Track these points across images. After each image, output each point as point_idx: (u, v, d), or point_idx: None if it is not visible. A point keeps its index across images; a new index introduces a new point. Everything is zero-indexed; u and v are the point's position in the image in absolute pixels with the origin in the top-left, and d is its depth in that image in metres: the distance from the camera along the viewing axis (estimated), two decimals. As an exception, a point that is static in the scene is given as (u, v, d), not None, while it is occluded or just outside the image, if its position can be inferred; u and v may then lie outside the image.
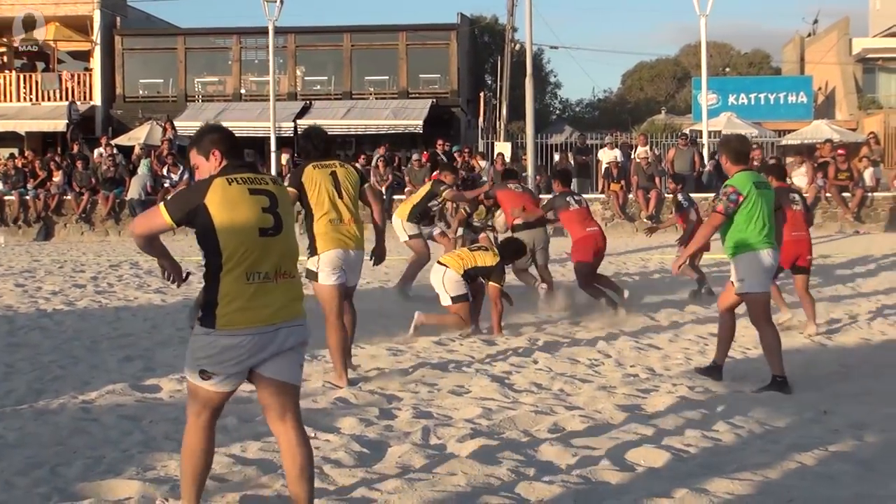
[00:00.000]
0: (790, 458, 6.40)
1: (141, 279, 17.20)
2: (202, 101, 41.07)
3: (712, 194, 27.26)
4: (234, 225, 5.01)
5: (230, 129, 5.63)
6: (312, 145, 9.05)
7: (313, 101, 40.16)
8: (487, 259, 11.48)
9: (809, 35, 52.38)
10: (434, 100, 39.61)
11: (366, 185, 9.13)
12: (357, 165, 8.78)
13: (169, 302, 14.36)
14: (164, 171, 28.78)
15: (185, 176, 28.60)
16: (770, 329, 8.78)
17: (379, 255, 9.40)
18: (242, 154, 5.50)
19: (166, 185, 28.11)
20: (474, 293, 11.52)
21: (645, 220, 26.80)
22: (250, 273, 5.04)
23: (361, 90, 41.18)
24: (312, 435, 7.04)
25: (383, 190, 27.92)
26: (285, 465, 5.14)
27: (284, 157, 30.78)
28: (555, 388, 8.74)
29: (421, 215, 14.86)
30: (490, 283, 11.45)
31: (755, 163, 23.60)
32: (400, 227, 14.76)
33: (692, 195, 17.93)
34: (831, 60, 45.56)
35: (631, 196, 27.37)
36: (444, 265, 11.48)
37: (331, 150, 9.26)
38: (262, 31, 36.00)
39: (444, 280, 11.35)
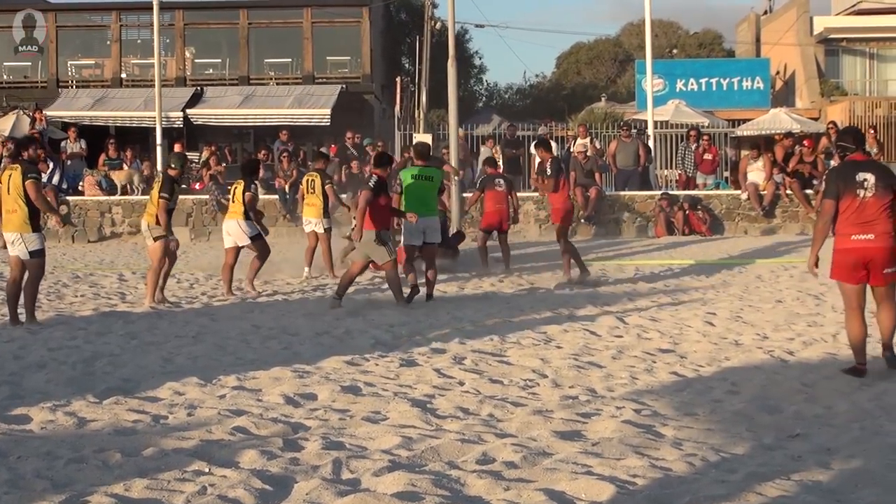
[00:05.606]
0: (749, 490, 6.46)
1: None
2: (76, 87, 40.69)
3: (659, 192, 27.65)
4: None
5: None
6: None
7: (205, 87, 39.98)
8: None
9: (765, 13, 53.09)
10: (344, 85, 39.59)
11: (27, 182, 13.50)
12: (26, 167, 13.79)
13: (40, 318, 14.16)
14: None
15: (56, 175, 28.22)
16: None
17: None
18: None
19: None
20: None
21: (583, 220, 26.98)
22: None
23: (260, 74, 41.08)
24: (206, 470, 6.98)
25: (287, 188, 27.81)
26: None
27: (205, 154, 30.57)
28: (483, 412, 8.74)
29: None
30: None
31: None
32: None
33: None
34: (790, 41, 46.21)
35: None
36: None
37: (17, 155, 14.22)
38: (146, 7, 35.87)
39: None
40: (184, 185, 22.29)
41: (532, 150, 30.19)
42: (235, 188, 17.22)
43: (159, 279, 15.80)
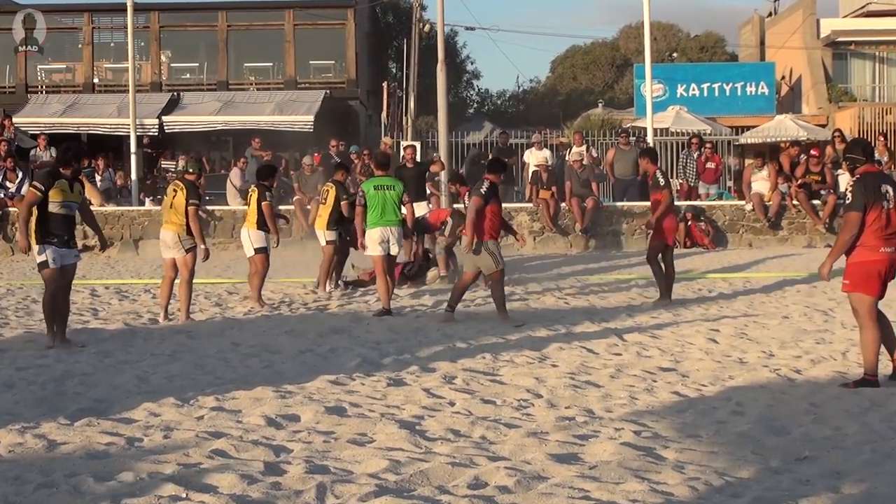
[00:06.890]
0: (755, 515, 6.46)
1: (-28, 309, 16.93)
2: (46, 92, 40.60)
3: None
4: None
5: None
6: None
7: (182, 93, 39.93)
8: None
9: (770, 15, 53.15)
10: (328, 91, 39.53)
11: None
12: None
13: (6, 336, 14.11)
14: (0, 177, 27.99)
15: (25, 185, 28.07)
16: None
17: None
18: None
19: (1, 195, 27.54)
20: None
21: (580, 232, 26.95)
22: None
23: (240, 79, 41.03)
24: (184, 495, 6.95)
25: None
26: None
27: (182, 163, 30.43)
28: (475, 434, 8.73)
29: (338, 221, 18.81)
30: None
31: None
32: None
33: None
34: (796, 44, 46.25)
35: (564, 205, 27.42)
36: None
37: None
38: (119, 8, 35.69)
39: None
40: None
41: (525, 157, 30.22)
42: (251, 196, 17.68)
43: (171, 291, 15.94)
